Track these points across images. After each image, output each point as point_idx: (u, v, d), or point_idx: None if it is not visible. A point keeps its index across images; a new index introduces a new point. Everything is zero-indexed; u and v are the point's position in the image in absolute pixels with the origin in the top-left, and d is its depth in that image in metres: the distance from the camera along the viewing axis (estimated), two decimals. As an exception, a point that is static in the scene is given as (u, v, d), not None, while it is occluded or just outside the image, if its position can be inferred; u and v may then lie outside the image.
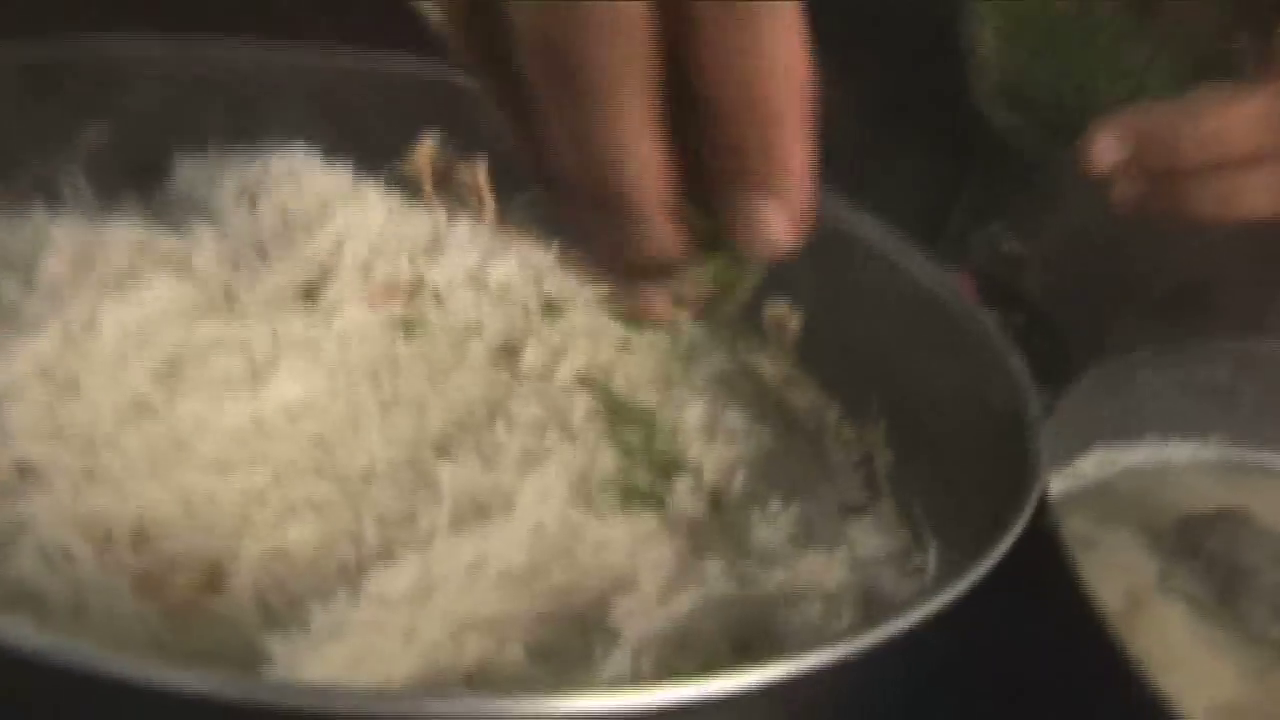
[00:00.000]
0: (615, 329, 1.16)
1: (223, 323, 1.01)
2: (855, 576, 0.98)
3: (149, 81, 1.25)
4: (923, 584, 1.03)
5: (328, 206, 1.23)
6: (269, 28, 1.31)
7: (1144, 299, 1.48)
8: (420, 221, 1.24)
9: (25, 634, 0.61)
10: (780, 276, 1.28)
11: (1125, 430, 1.25)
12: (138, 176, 1.28)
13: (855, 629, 0.72)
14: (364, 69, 1.34)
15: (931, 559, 1.04)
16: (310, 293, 1.10)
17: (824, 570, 0.96)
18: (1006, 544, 0.80)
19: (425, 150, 1.37)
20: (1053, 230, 1.60)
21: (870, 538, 1.07)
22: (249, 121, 1.31)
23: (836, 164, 1.28)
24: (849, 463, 1.19)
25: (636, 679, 0.81)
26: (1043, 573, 0.90)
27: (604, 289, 0.82)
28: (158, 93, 1.25)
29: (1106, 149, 0.92)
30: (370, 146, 1.35)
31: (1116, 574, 1.11)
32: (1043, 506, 0.88)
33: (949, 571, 0.99)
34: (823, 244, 1.23)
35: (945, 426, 1.10)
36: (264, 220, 1.21)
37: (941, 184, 1.60)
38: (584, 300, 1.19)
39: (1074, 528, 1.13)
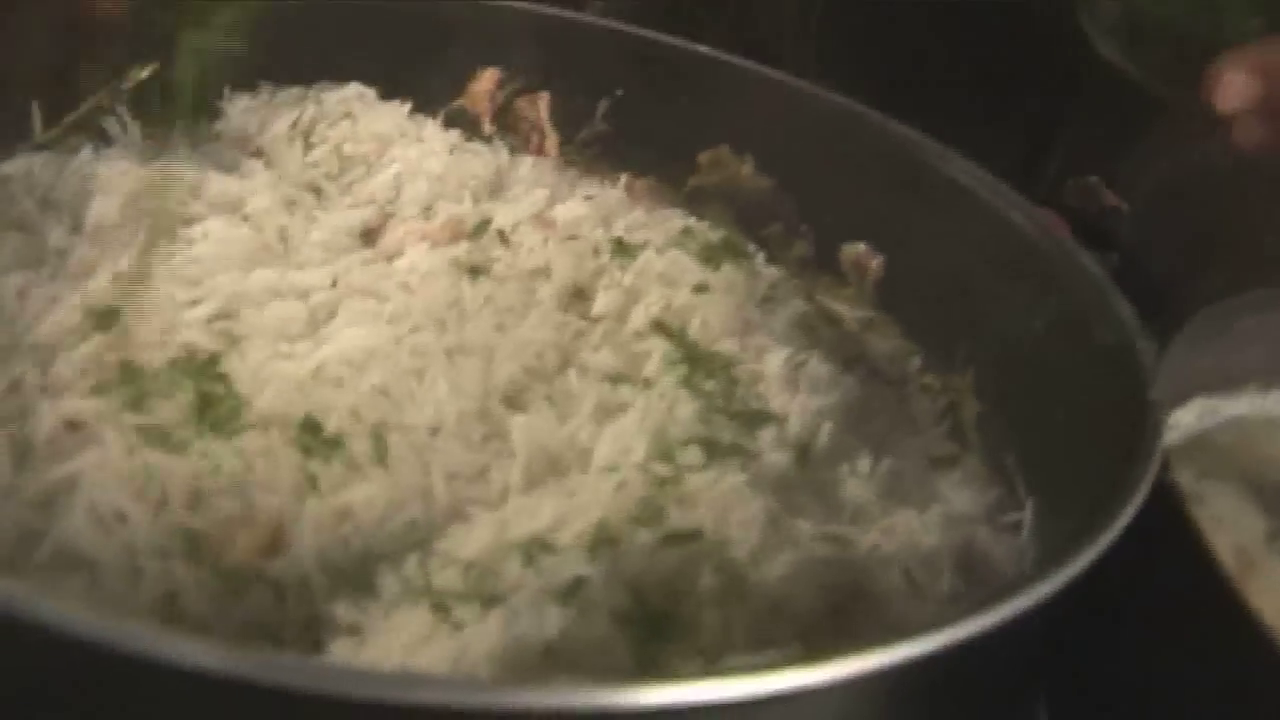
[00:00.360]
0: (691, 271, 1.11)
1: (279, 269, 0.96)
2: (950, 535, 0.92)
3: (198, 20, 1.20)
4: (1019, 541, 0.97)
5: (385, 145, 1.18)
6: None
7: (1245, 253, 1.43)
8: (482, 159, 1.20)
9: (71, 616, 0.56)
10: (859, 215, 1.24)
11: (1226, 380, 1.17)
12: (186, 114, 1.24)
13: (985, 601, 0.66)
14: (419, 7, 1.29)
15: (1028, 515, 0.98)
16: (370, 235, 1.05)
17: (919, 529, 0.91)
18: (1134, 505, 0.74)
19: (483, 84, 1.32)
20: (1153, 186, 1.54)
21: (961, 493, 1.01)
22: (300, 61, 1.27)
23: (932, 100, 1.23)
24: (934, 413, 1.13)
25: (729, 651, 0.75)
26: (1158, 526, 0.84)
27: None
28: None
29: (1234, 85, 0.86)
30: (427, 84, 1.30)
31: (1223, 531, 1.05)
32: (1163, 458, 0.82)
33: (1051, 527, 0.95)
34: (904, 181, 1.19)
35: (1039, 375, 1.04)
36: (319, 160, 1.16)
37: (1040, 129, 1.54)
38: (657, 241, 1.14)
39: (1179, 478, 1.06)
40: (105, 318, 0.89)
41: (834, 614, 0.82)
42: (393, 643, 0.73)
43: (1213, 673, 0.85)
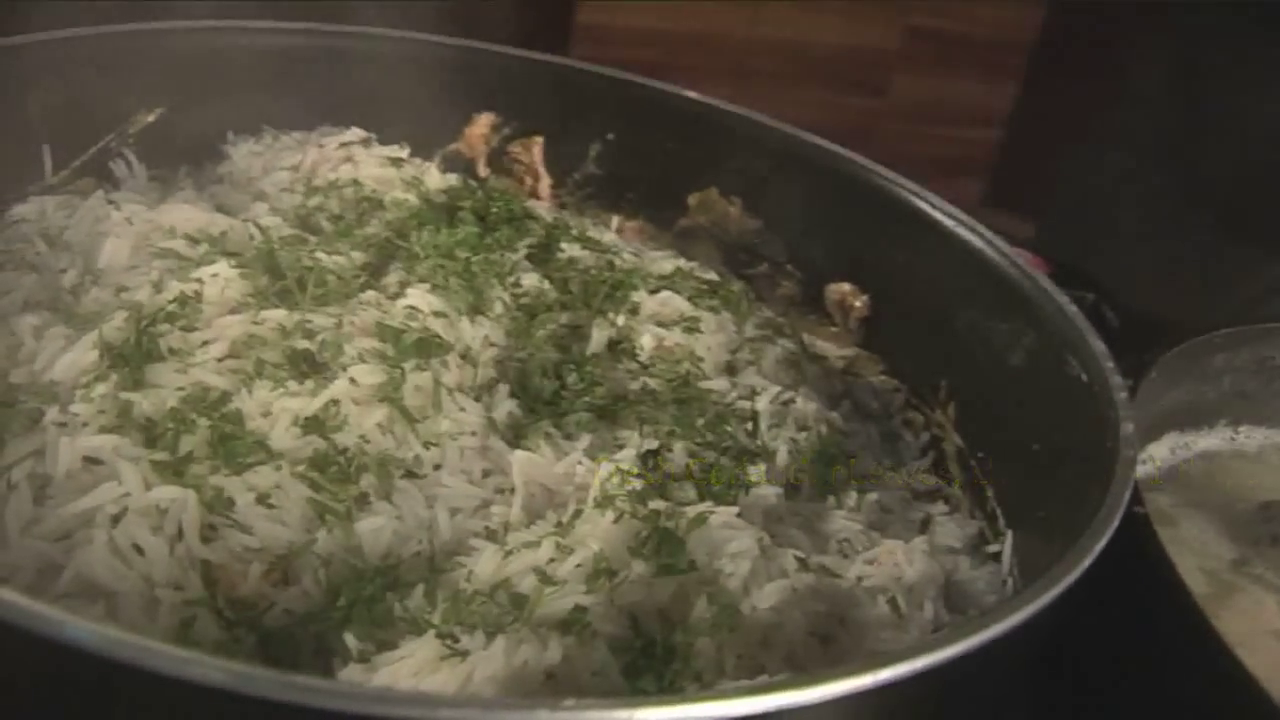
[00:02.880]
0: (682, 311, 1.14)
1: (286, 309, 0.99)
2: (933, 566, 0.96)
3: (202, 64, 1.24)
4: (1000, 571, 1.01)
5: (385, 187, 1.22)
6: (323, 12, 1.30)
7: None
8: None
9: (94, 630, 0.59)
10: (844, 255, 1.28)
11: (1198, 415, 1.22)
12: (189, 157, 1.27)
13: (968, 625, 0.69)
14: (417, 53, 1.33)
15: (1008, 545, 1.02)
16: (375, 273, 1.08)
17: (903, 560, 0.94)
18: (1106, 536, 0.78)
19: (479, 128, 1.36)
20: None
21: (944, 525, 1.05)
22: (301, 106, 1.31)
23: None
24: (917, 447, 1.17)
25: (722, 677, 0.79)
26: (1131, 554, 0.87)
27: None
28: (210, 75, 1.25)
29: None
30: (425, 129, 1.34)
31: (1194, 557, 1.09)
32: (1134, 489, 0.85)
33: (1030, 557, 0.99)
34: (887, 223, 1.23)
35: (1018, 410, 1.08)
36: (321, 203, 1.19)
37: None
38: (649, 281, 1.17)
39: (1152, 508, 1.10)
40: (120, 357, 0.91)
41: (822, 642, 0.85)
42: (401, 670, 0.76)
43: (1183, 692, 0.88)
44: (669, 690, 0.76)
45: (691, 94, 1.32)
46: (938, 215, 1.19)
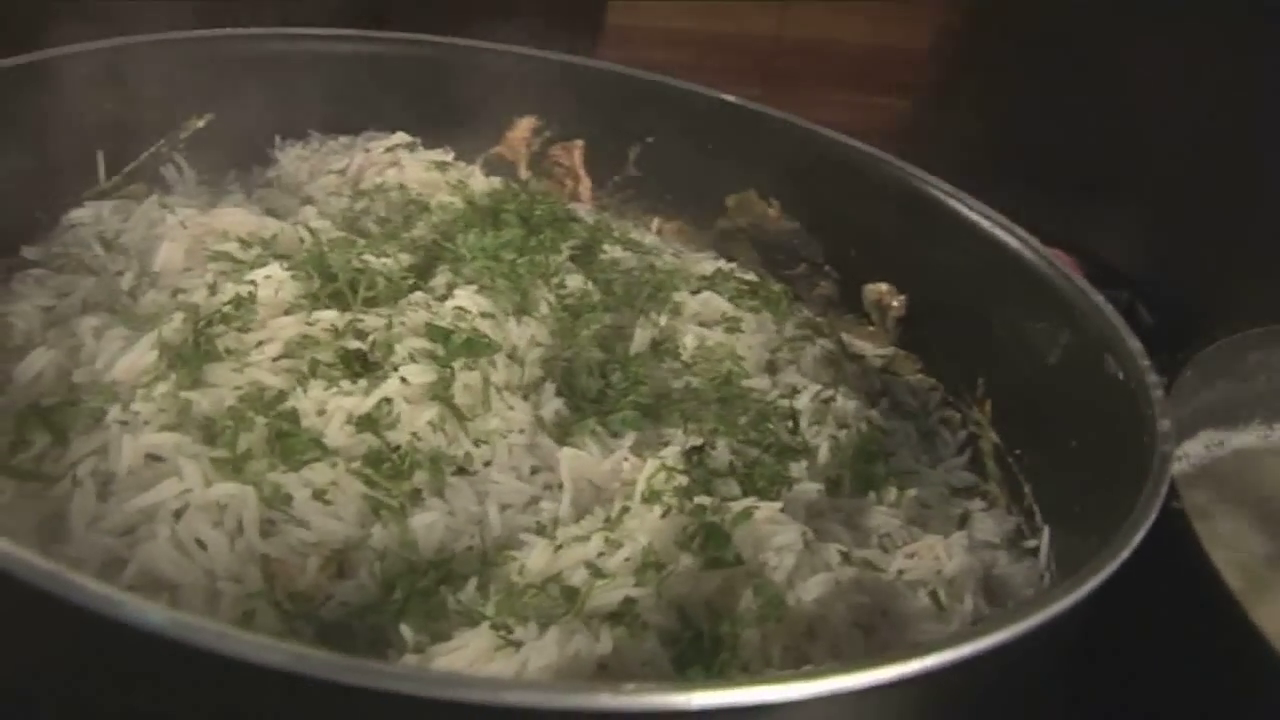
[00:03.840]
0: (724, 311, 1.16)
1: (338, 310, 1.01)
2: (972, 560, 0.97)
3: (250, 70, 1.27)
4: (1037, 565, 1.02)
5: (431, 190, 1.24)
6: (365, 20, 1.33)
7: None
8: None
9: (161, 613, 0.62)
10: (881, 256, 1.30)
11: (1234, 413, 1.23)
12: (238, 162, 1.30)
13: (1010, 615, 0.71)
14: (459, 58, 1.35)
15: (1045, 540, 1.03)
16: (422, 275, 1.10)
17: (943, 554, 0.96)
18: (1143, 530, 0.79)
19: (520, 132, 1.38)
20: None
21: (982, 520, 1.07)
22: (347, 111, 1.33)
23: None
24: (954, 445, 1.19)
25: (768, 667, 0.81)
26: (1167, 549, 0.89)
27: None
28: (258, 81, 1.27)
29: None
30: (467, 132, 1.36)
31: (1229, 552, 1.10)
32: (1171, 485, 0.87)
33: (1067, 552, 1.00)
34: (924, 223, 1.25)
35: (1054, 407, 1.09)
36: (368, 206, 1.22)
37: None
38: (690, 281, 1.19)
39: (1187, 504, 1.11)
40: (179, 357, 0.94)
41: (865, 633, 0.87)
42: (457, 660, 0.78)
43: (1219, 685, 0.90)
44: (718, 679, 0.79)
45: (730, 97, 1.34)
46: (973, 216, 1.21)
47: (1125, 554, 0.78)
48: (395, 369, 0.97)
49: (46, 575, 0.64)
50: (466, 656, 0.78)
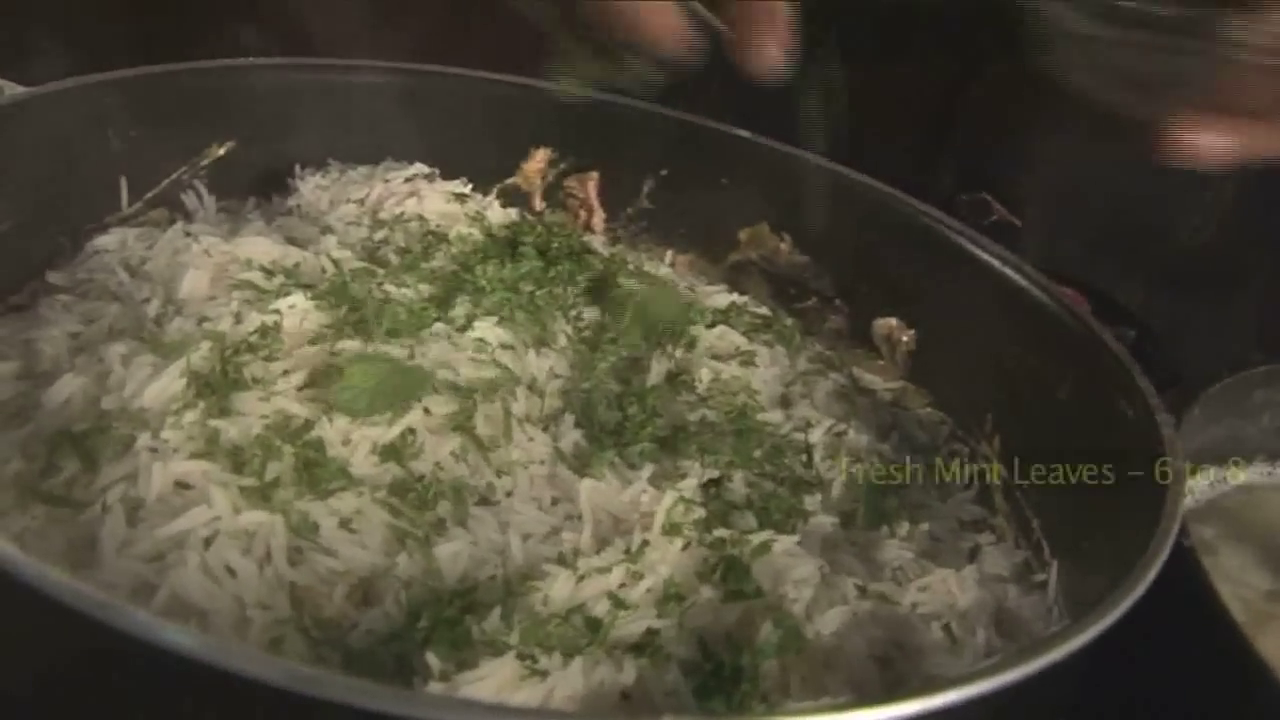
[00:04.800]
0: (738, 345, 1.18)
1: (361, 340, 1.03)
2: (984, 593, 0.99)
3: (271, 99, 1.28)
4: (1045, 600, 1.04)
5: (450, 221, 1.26)
6: (384, 51, 1.34)
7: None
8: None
9: (192, 638, 0.64)
10: (891, 291, 1.32)
11: (1238, 450, 1.25)
12: (257, 190, 1.32)
13: (1029, 651, 0.73)
14: (476, 90, 1.37)
15: (1053, 575, 1.05)
16: (441, 305, 1.12)
17: (955, 588, 0.98)
18: (1156, 567, 0.81)
19: (536, 164, 1.40)
20: (1046, 195, 1.60)
21: (992, 554, 1.08)
22: (366, 142, 1.35)
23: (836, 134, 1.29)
24: (963, 479, 1.20)
25: (787, 698, 0.82)
26: (1175, 583, 0.90)
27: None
28: (278, 112, 1.29)
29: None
30: (483, 164, 1.38)
31: (1230, 585, 1.12)
32: (1182, 523, 0.89)
33: (1075, 587, 1.02)
34: (933, 259, 1.27)
35: (1063, 443, 1.11)
36: (387, 236, 1.23)
37: (929, 147, 1.61)
38: (705, 315, 1.21)
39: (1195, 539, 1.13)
40: (206, 386, 0.95)
41: (881, 666, 0.89)
42: (483, 688, 0.80)
43: (1226, 716, 0.92)
44: (739, 711, 0.80)
45: (743, 132, 1.36)
46: (981, 254, 1.23)
47: (1140, 590, 0.79)
48: (419, 399, 0.98)
49: (83, 597, 0.65)
50: (492, 685, 0.79)
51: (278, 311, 1.03)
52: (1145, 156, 0.92)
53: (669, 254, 1.39)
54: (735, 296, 1.31)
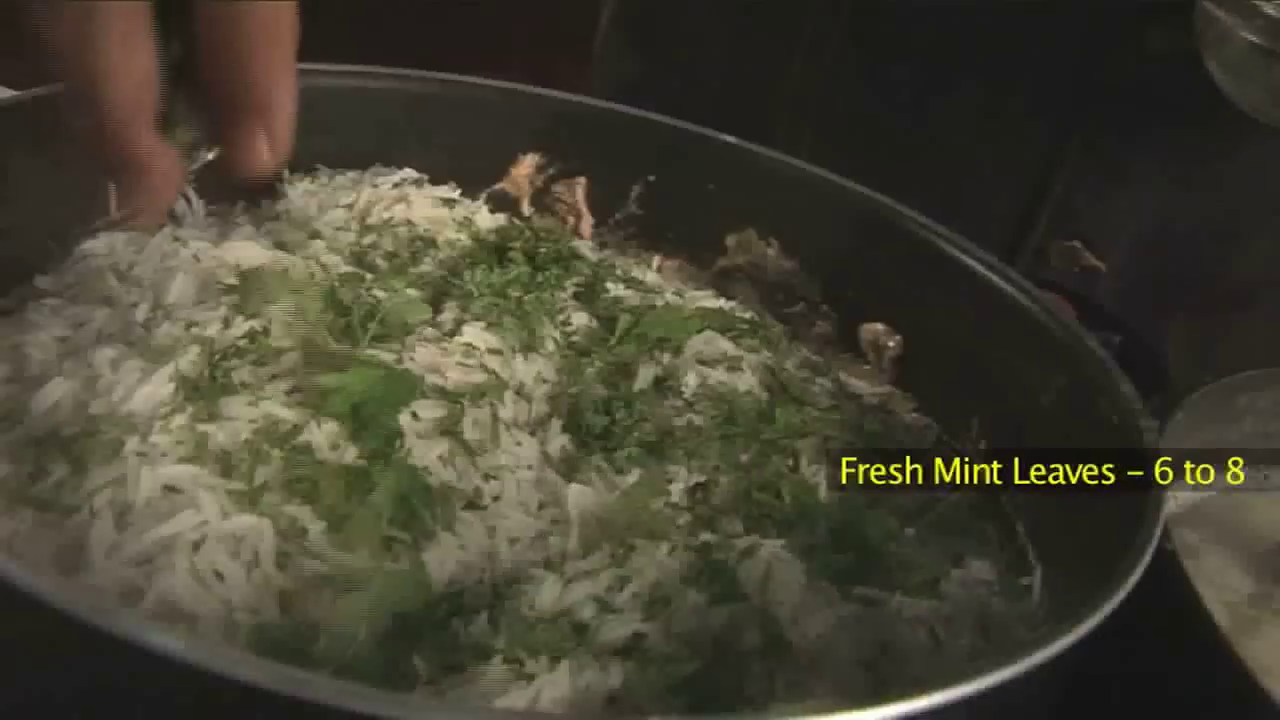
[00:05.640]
0: (725, 350, 1.18)
1: (350, 344, 1.03)
2: (969, 598, 1.00)
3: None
4: (1029, 603, 1.04)
5: (438, 226, 1.26)
6: (370, 55, 1.35)
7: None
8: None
9: (180, 642, 0.64)
10: (878, 296, 1.32)
11: (1222, 455, 1.25)
12: (245, 194, 1.31)
13: (1012, 653, 0.74)
14: (464, 94, 1.38)
15: (1037, 579, 1.05)
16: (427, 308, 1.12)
17: (941, 592, 0.98)
18: (1138, 572, 0.82)
19: (524, 169, 1.40)
20: (1130, 243, 1.62)
21: (978, 560, 1.09)
22: (354, 147, 1.35)
23: (923, 173, 1.31)
24: (948, 483, 1.21)
25: (773, 702, 0.83)
26: (1157, 587, 0.91)
27: None
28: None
29: None
30: (471, 169, 1.38)
31: (1213, 589, 1.12)
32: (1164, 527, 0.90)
33: (1059, 591, 1.03)
34: (920, 265, 1.27)
35: (1048, 448, 1.11)
36: (376, 241, 1.24)
37: (1028, 199, 1.63)
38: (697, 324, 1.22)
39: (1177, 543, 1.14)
40: (195, 390, 0.96)
41: (866, 669, 0.89)
42: (469, 693, 0.80)
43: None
44: (724, 714, 0.81)
45: (730, 138, 1.36)
46: (967, 260, 1.24)
47: (1122, 594, 0.80)
48: (407, 404, 0.99)
49: (71, 601, 0.66)
50: (478, 690, 0.80)
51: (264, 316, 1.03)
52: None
53: (656, 259, 1.39)
54: (722, 301, 1.32)
